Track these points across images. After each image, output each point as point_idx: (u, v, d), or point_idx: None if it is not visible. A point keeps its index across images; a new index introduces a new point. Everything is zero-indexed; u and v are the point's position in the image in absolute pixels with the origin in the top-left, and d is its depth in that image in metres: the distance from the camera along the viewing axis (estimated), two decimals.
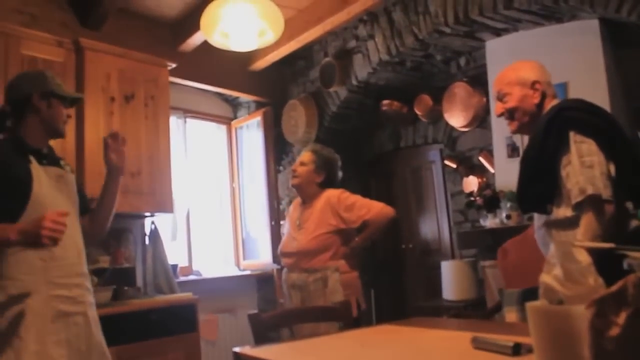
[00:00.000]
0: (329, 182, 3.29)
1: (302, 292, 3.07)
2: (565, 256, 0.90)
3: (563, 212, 2.00)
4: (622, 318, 0.76)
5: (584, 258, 0.93)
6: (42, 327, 2.05)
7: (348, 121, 5.30)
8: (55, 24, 3.90)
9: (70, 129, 3.64)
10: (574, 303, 0.93)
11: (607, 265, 1.06)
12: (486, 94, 4.27)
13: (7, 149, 2.19)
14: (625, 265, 1.03)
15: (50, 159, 2.31)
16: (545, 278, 0.93)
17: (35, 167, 2.19)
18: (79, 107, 3.69)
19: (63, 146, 3.60)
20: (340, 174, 3.41)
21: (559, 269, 0.91)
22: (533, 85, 2.17)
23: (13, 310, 2.02)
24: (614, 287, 0.80)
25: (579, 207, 1.92)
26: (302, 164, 3.30)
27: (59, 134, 2.36)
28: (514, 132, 2.30)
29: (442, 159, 4.91)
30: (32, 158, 2.20)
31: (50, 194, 2.19)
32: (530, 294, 2.28)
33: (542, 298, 0.99)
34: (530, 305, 1.00)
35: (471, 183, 4.43)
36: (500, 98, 2.26)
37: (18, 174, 2.13)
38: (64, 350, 2.10)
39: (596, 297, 0.81)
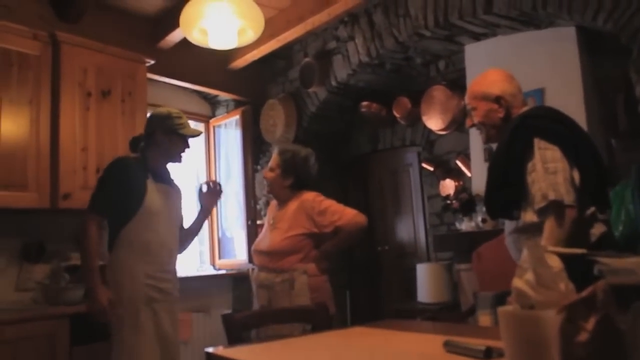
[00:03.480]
0: (301, 183, 3.21)
1: (269, 291, 3.04)
2: (538, 261, 0.90)
3: (530, 217, 2.04)
4: (591, 324, 0.76)
5: (556, 263, 0.94)
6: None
7: (327, 122, 5.29)
8: (32, 16, 3.82)
9: (44, 123, 3.59)
10: (545, 308, 0.93)
11: (577, 270, 1.07)
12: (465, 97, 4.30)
13: (134, 166, 2.81)
14: (595, 271, 1.04)
15: (164, 178, 2.93)
16: (517, 283, 0.93)
17: (151, 183, 2.80)
18: (54, 102, 3.64)
19: (37, 141, 3.55)
20: (314, 169, 3.29)
21: (531, 274, 0.92)
22: (497, 100, 2.21)
23: None
24: (584, 293, 0.81)
25: (542, 213, 1.95)
26: (270, 169, 3.25)
27: (175, 162, 2.95)
28: (485, 142, 2.38)
29: (420, 162, 4.93)
30: (150, 175, 2.82)
31: (157, 206, 2.78)
32: (505, 297, 2.30)
33: (513, 303, 0.99)
34: (501, 309, 1.00)
35: (448, 186, 4.45)
36: (469, 112, 2.31)
37: (137, 187, 2.75)
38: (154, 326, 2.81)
39: (566, 303, 0.81)
